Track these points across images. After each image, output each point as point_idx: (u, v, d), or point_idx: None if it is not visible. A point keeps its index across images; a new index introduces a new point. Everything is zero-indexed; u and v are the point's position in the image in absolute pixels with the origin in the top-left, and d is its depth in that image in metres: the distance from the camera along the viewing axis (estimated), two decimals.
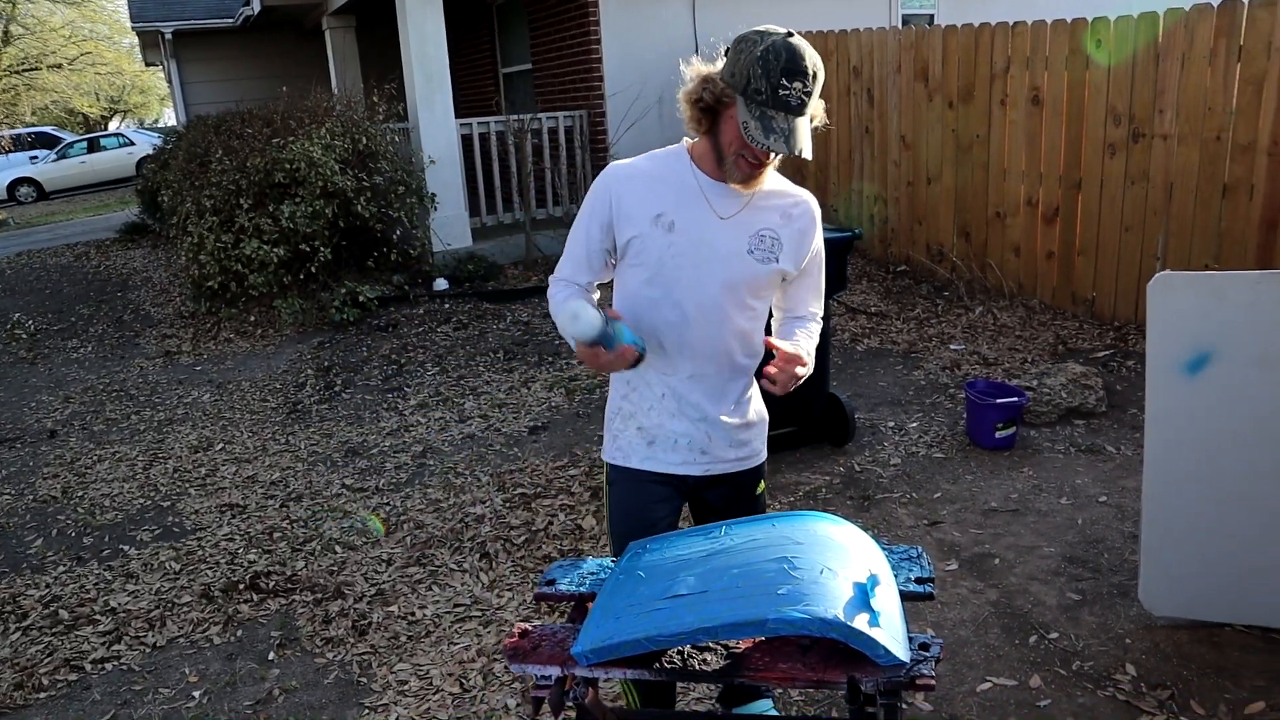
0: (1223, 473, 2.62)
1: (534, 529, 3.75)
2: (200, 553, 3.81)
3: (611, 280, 2.05)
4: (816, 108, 1.77)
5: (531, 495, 4.06)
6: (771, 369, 1.76)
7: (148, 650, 3.17)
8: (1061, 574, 3.11)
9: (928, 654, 1.28)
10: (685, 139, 1.94)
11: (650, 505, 2.02)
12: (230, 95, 10.59)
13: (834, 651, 1.30)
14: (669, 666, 1.31)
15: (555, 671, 1.34)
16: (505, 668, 2.85)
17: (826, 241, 4.33)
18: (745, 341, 1.97)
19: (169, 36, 11.95)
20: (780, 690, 2.53)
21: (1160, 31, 5.06)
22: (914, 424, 4.54)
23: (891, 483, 3.93)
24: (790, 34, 1.71)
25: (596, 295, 2.05)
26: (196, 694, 2.91)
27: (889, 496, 3.81)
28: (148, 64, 18.39)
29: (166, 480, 4.57)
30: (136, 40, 14.79)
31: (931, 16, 9.69)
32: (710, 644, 1.33)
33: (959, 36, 6.33)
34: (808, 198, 1.97)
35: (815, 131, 1.79)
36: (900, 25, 9.28)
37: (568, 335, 1.82)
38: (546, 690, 1.35)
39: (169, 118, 34.30)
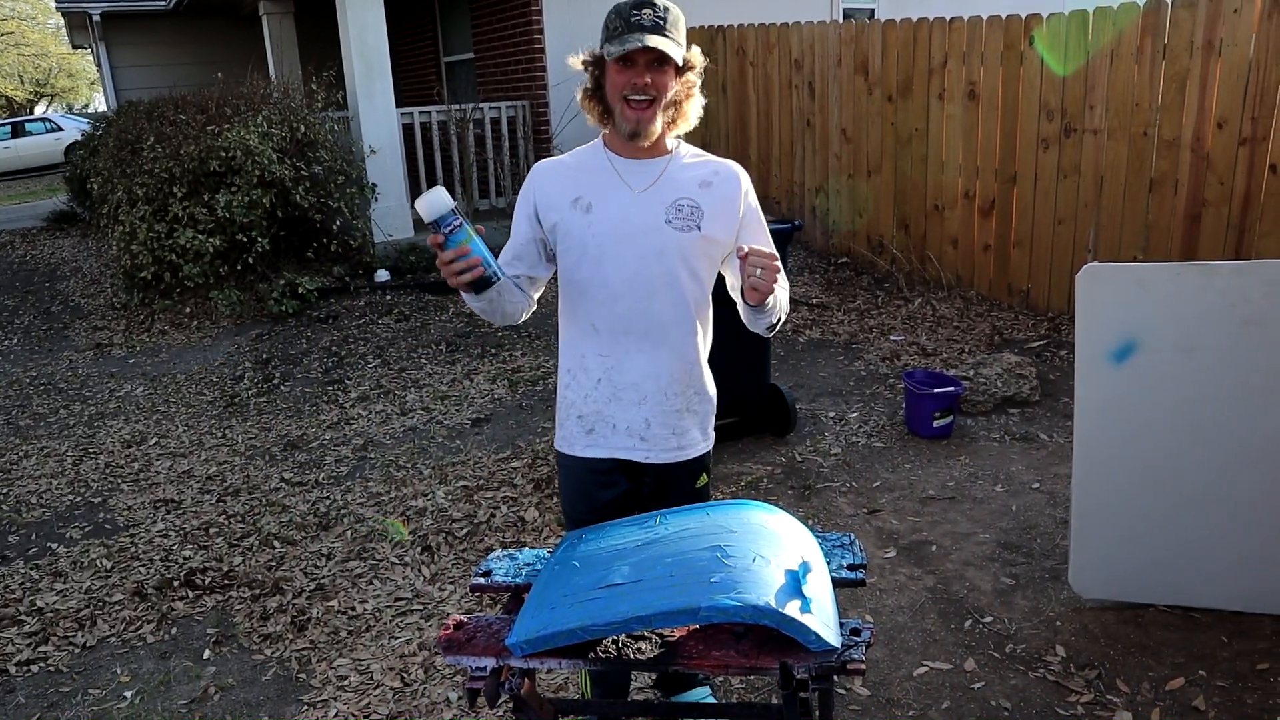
0: (1146, 458, 2.71)
1: (476, 521, 3.73)
2: (133, 550, 3.71)
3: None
4: (692, 53, 1.86)
5: (474, 488, 4.03)
6: (750, 266, 1.70)
7: (76, 650, 3.08)
8: (996, 559, 3.19)
9: (858, 639, 1.30)
10: (602, 132, 2.01)
11: (594, 491, 2.06)
12: (163, 80, 10.29)
13: (767, 638, 1.31)
14: (604, 656, 1.31)
15: (490, 663, 1.34)
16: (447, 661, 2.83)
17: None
18: (681, 314, 1.97)
19: (97, 18, 11.54)
20: (721, 678, 2.56)
21: (1090, 29, 5.19)
22: (854, 414, 4.61)
23: (832, 472, 3.99)
24: None
25: (536, 294, 2.06)
26: (128, 694, 2.83)
27: (829, 485, 3.86)
28: (75, 46, 17.78)
29: (97, 476, 4.44)
30: (63, 21, 14.27)
31: (872, 11, 9.81)
32: (645, 633, 1.34)
33: (898, 31, 6.41)
34: (730, 164, 2.02)
35: (688, 63, 1.87)
36: (841, 19, 9.37)
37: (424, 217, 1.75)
38: (482, 682, 1.34)
39: (99, 103, 33.22)
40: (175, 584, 3.42)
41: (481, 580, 1.59)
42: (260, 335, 6.36)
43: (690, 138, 2.09)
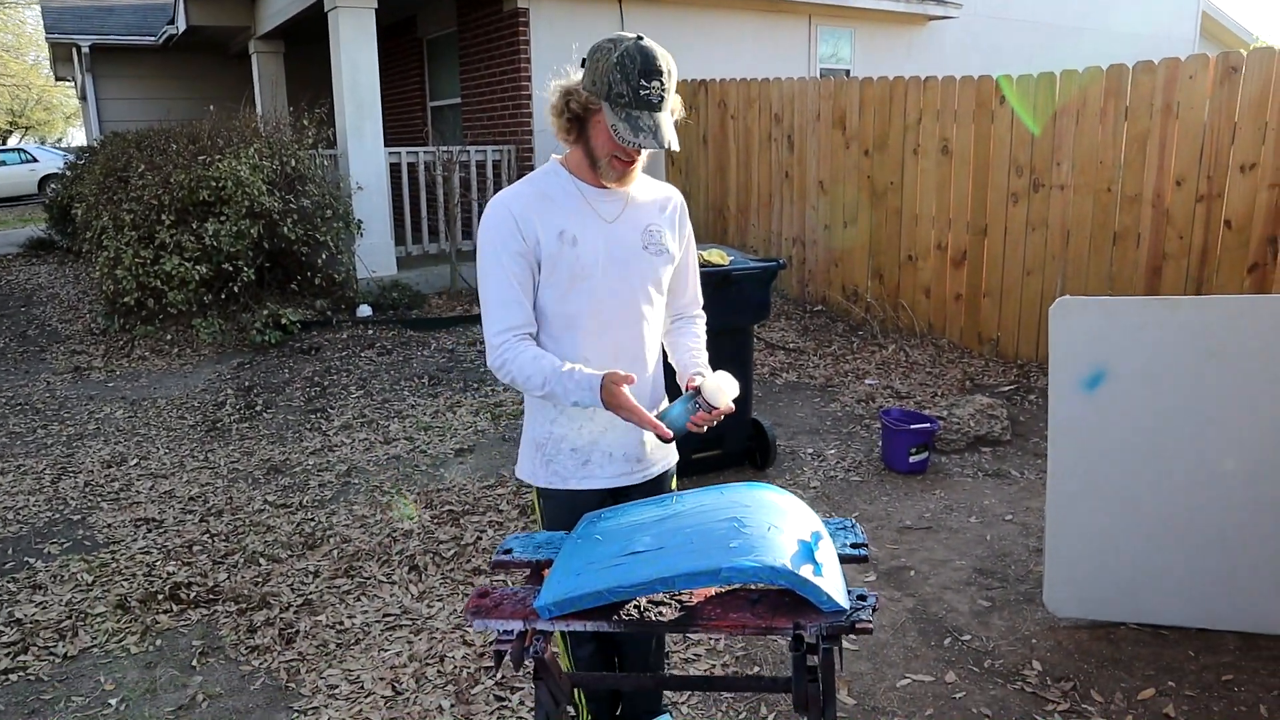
0: (1115, 483, 2.84)
1: (463, 543, 3.77)
2: (114, 565, 3.69)
3: None
4: (675, 102, 1.87)
5: (459, 512, 4.08)
6: (703, 418, 1.81)
7: (57, 660, 3.06)
8: (972, 583, 3.29)
9: (865, 603, 1.40)
10: (554, 154, 2.02)
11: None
12: (149, 115, 10.38)
13: (780, 603, 1.40)
14: (627, 618, 1.39)
15: (518, 626, 1.41)
16: (439, 671, 2.86)
17: (753, 271, 4.50)
18: (654, 337, 2.07)
19: (86, 50, 11.65)
20: (684, 698, 2.62)
21: (1056, 90, 5.48)
22: (832, 450, 4.73)
23: (812, 503, 4.08)
24: (640, 38, 1.81)
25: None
26: (113, 701, 2.82)
27: None
28: (58, 79, 17.81)
29: (76, 494, 4.42)
30: (46, 53, 14.33)
31: (848, 70, 10.19)
32: (666, 598, 1.42)
33: (875, 89, 6.70)
34: (673, 191, 2.10)
35: (676, 124, 1.90)
36: (817, 75, 9.73)
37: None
38: (509, 645, 1.41)
39: (75, 137, 33.07)
40: (159, 597, 3.41)
41: (504, 557, 1.66)
42: (242, 364, 6.37)
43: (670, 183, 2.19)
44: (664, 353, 2.17)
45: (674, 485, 2.20)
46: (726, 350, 2.16)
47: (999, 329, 6.07)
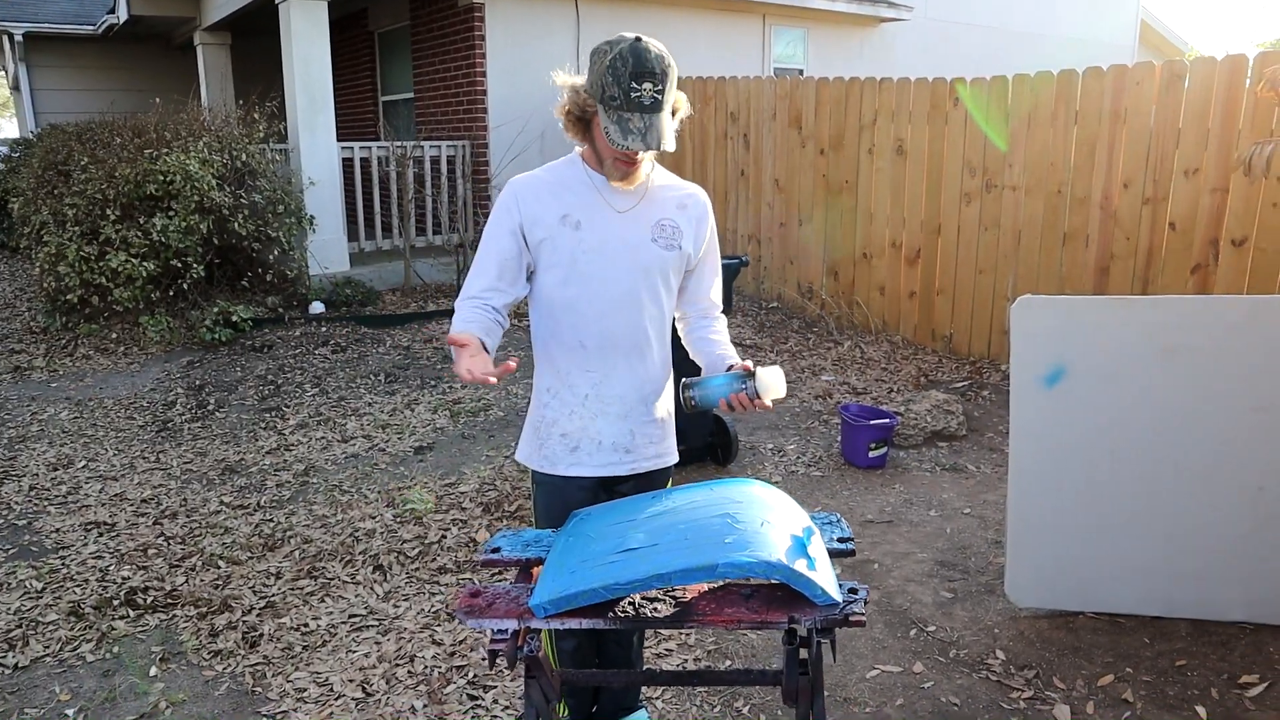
0: (1074, 476, 2.93)
1: (427, 542, 3.74)
2: (65, 571, 3.58)
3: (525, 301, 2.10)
4: (678, 99, 1.87)
5: (422, 511, 4.04)
6: (743, 402, 1.81)
7: (8, 671, 2.96)
8: (935, 576, 3.36)
9: (856, 596, 1.42)
10: (576, 146, 2.03)
11: (573, 509, 2.04)
12: (89, 106, 10.07)
13: (773, 597, 1.42)
14: (622, 615, 1.39)
15: (513, 625, 1.40)
16: (409, 671, 2.83)
17: None
18: (660, 329, 2.07)
19: (19, 38, 11.24)
20: (658, 693, 2.64)
21: (1009, 94, 5.61)
22: (791, 445, 4.78)
23: None
24: (638, 38, 1.80)
25: (508, 320, 2.02)
26: (70, 711, 2.74)
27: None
28: None
29: (21, 498, 4.28)
30: None
31: (801, 70, 10.30)
32: (660, 594, 1.43)
33: (831, 88, 6.78)
34: (697, 189, 2.10)
35: (681, 124, 1.92)
36: (772, 74, 9.82)
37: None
38: (503, 644, 1.40)
39: (4, 129, 31.93)
40: (115, 603, 3.32)
41: (492, 555, 1.65)
42: (192, 362, 6.22)
43: None
44: (673, 345, 2.16)
45: (669, 485, 2.20)
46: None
47: (952, 326, 6.19)
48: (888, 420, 4.43)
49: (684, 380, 1.90)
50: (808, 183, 7.09)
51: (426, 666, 2.85)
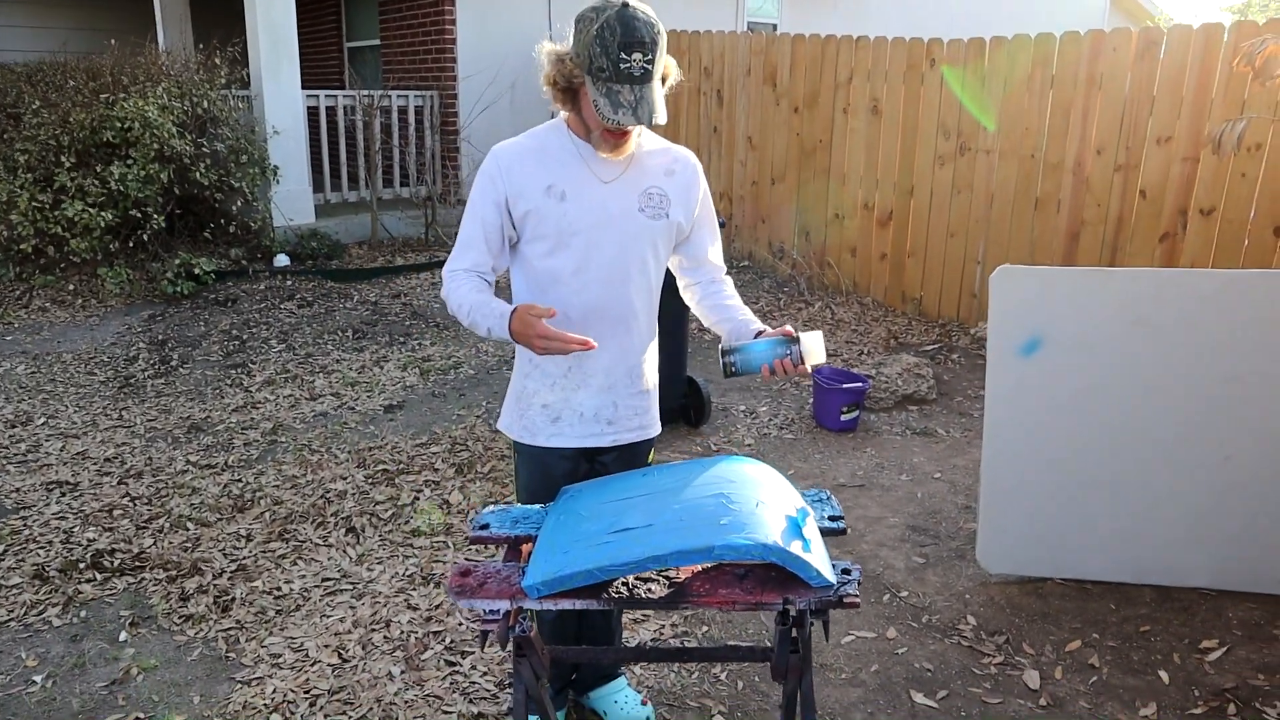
0: (1046, 445, 2.96)
1: (400, 504, 3.71)
2: (27, 532, 3.51)
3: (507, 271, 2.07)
4: (667, 66, 1.82)
5: (394, 472, 4.00)
6: (787, 367, 1.79)
7: None
8: (906, 541, 3.41)
9: (849, 577, 1.43)
10: (561, 111, 1.95)
11: (555, 479, 2.06)
12: (39, 46, 9.64)
13: (766, 578, 1.42)
14: (616, 596, 1.39)
15: (505, 605, 1.39)
16: (385, 636, 2.82)
17: None
18: (646, 300, 2.03)
19: None
20: (631, 669, 2.66)
21: (986, 57, 5.58)
22: (764, 408, 4.80)
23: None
24: (625, 4, 1.72)
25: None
26: (38, 678, 2.70)
27: None
28: None
29: None
30: None
31: (775, 25, 10.16)
32: (654, 575, 1.42)
33: (807, 46, 6.70)
34: (686, 153, 2.05)
35: (670, 91, 1.86)
36: (746, 29, 9.68)
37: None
38: (494, 625, 1.39)
39: None
40: (81, 566, 3.26)
41: (481, 533, 1.63)
42: (153, 316, 6.08)
43: None
44: (657, 313, 2.12)
45: (651, 457, 2.19)
46: (663, 307, 2.14)
47: (922, 289, 6.22)
48: (860, 384, 4.46)
49: (723, 345, 1.86)
50: (781, 141, 7.04)
51: (403, 632, 2.85)
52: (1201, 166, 4.73)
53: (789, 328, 1.86)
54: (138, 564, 3.28)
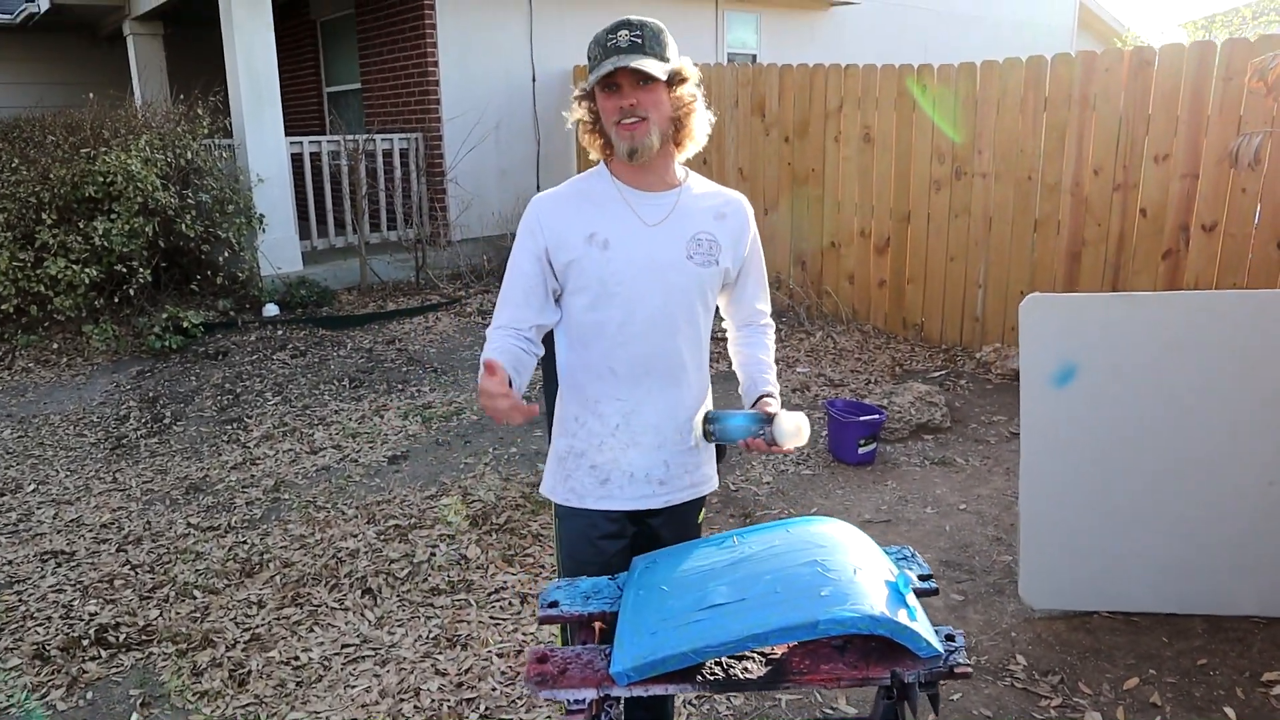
0: (1085, 475, 2.90)
1: (415, 561, 3.58)
2: (24, 608, 3.35)
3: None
4: (682, 68, 1.79)
5: (406, 527, 3.87)
6: (760, 447, 1.78)
7: None
8: (942, 577, 3.32)
9: (955, 644, 1.34)
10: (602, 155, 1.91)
11: (601, 544, 1.94)
12: (13, 101, 9.53)
13: (869, 649, 1.33)
14: (711, 679, 1.29)
15: (591, 694, 1.29)
16: (415, 706, 2.69)
17: None
18: (696, 352, 1.94)
19: None
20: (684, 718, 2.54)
21: (978, 80, 5.59)
22: None
23: (769, 499, 4.06)
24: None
25: (539, 348, 1.90)
26: None
27: (768, 513, 3.93)
28: None
29: None
30: None
31: (754, 56, 10.22)
32: (751, 653, 1.32)
33: (794, 75, 6.70)
34: (738, 196, 1.97)
35: (690, 97, 1.81)
36: (726, 61, 9.72)
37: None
38: (581, 715, 1.29)
39: None
40: (84, 643, 3.11)
41: (551, 611, 1.52)
42: (142, 372, 5.92)
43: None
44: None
45: (703, 515, 2.09)
46: None
47: (923, 314, 6.19)
48: (877, 416, 4.39)
49: (707, 413, 1.83)
50: (772, 171, 7.02)
51: (434, 700, 2.72)
52: (1201, 182, 4.73)
53: (771, 405, 1.83)
54: (145, 637, 3.13)
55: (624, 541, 1.97)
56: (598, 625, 1.48)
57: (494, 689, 2.76)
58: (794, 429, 1.70)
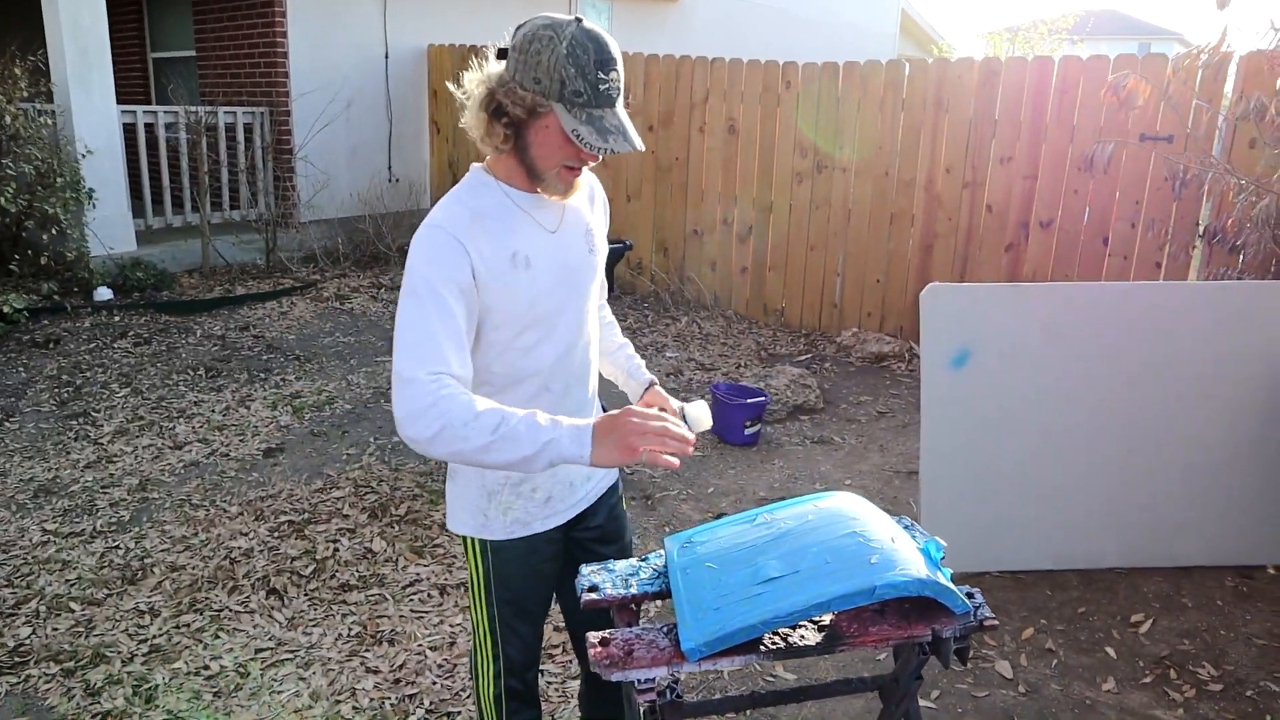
0: (977, 449, 3.18)
1: (318, 558, 3.44)
2: None
3: None
4: None
5: (300, 523, 3.71)
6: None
7: None
8: None
9: (977, 601, 1.47)
10: (474, 164, 1.70)
11: (541, 565, 1.85)
12: None
13: (903, 611, 1.44)
14: (774, 648, 1.35)
15: (662, 672, 1.32)
16: (354, 708, 2.60)
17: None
18: (597, 348, 1.90)
19: None
20: None
21: (840, 80, 5.90)
22: None
23: (665, 482, 4.16)
24: (579, 19, 1.53)
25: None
26: None
27: (668, 494, 4.04)
28: None
29: None
30: None
31: None
32: (803, 623, 1.40)
33: (661, 65, 6.82)
34: (590, 176, 1.78)
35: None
36: None
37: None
38: (650, 693, 1.32)
39: None
40: None
41: (593, 596, 1.53)
42: None
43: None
44: None
45: (621, 491, 2.03)
46: None
47: (784, 300, 6.48)
48: (762, 398, 4.59)
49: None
50: (636, 159, 7.12)
51: (372, 699, 2.64)
52: (1040, 183, 5.22)
53: (653, 394, 1.82)
54: (18, 659, 2.85)
55: (559, 562, 1.89)
56: (635, 608, 1.51)
57: (434, 683, 2.71)
58: (702, 415, 1.74)
